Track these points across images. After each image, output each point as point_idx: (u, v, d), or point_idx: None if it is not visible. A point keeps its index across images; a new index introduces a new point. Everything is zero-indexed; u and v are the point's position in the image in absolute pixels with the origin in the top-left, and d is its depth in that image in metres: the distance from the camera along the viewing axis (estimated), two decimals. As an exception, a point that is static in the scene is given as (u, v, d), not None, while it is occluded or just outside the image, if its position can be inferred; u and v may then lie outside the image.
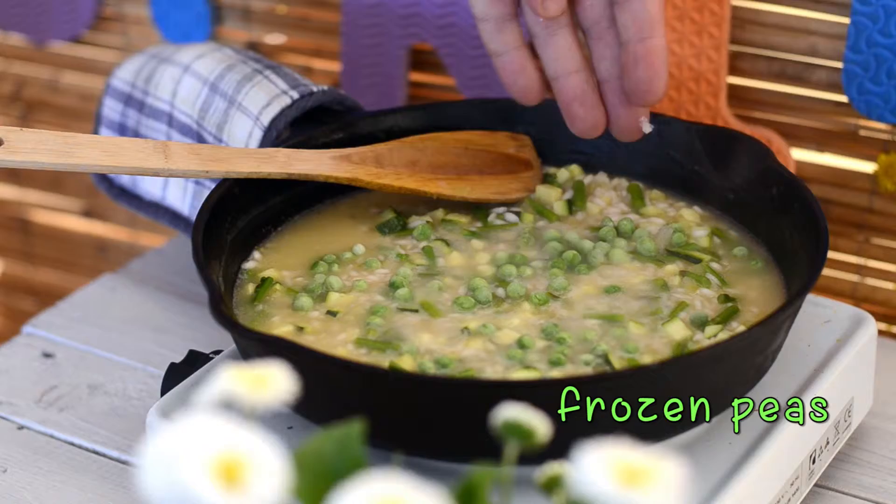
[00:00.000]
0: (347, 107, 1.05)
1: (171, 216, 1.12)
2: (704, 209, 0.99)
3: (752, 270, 0.93)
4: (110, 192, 1.16)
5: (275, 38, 1.31)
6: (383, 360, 0.84)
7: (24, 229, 1.55)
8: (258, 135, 1.02)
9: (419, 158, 1.00)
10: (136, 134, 1.13)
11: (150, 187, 1.13)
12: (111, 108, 1.15)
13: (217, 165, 0.93)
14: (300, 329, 0.88)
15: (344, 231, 0.99)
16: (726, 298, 0.90)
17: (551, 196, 1.01)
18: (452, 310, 0.90)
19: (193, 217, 1.09)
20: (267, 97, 1.04)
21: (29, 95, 1.47)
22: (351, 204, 1.01)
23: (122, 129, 1.14)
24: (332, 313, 0.89)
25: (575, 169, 1.03)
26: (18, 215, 1.55)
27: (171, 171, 0.92)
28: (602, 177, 1.03)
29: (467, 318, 0.89)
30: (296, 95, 1.03)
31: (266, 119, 1.02)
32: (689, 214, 0.99)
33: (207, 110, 1.07)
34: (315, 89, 1.04)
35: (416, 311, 0.89)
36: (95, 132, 1.16)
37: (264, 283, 0.92)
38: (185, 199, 1.09)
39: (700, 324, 0.88)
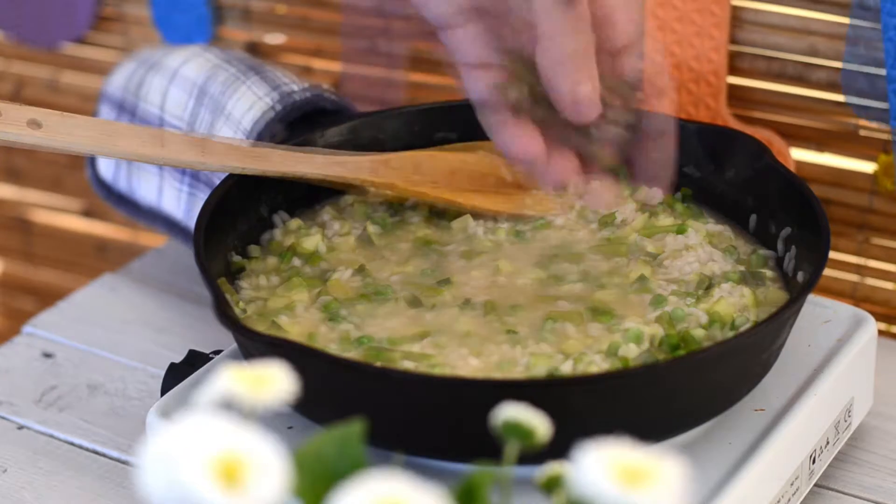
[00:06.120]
0: (337, 106, 1.04)
1: (167, 223, 1.12)
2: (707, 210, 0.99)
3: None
4: (109, 198, 1.16)
5: (275, 38, 1.31)
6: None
7: (24, 229, 1.55)
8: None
9: (459, 168, 0.97)
10: None
11: (146, 193, 1.12)
12: (106, 116, 1.15)
13: (213, 159, 0.92)
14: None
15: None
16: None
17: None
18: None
19: (188, 223, 1.09)
20: (249, 105, 1.03)
21: (29, 95, 1.46)
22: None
23: None
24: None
25: None
26: (18, 215, 1.55)
27: (166, 160, 0.91)
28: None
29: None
30: (279, 107, 1.02)
31: (247, 124, 1.02)
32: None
33: (195, 121, 1.07)
34: (297, 95, 1.03)
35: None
36: None
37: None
38: (178, 205, 1.09)
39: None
